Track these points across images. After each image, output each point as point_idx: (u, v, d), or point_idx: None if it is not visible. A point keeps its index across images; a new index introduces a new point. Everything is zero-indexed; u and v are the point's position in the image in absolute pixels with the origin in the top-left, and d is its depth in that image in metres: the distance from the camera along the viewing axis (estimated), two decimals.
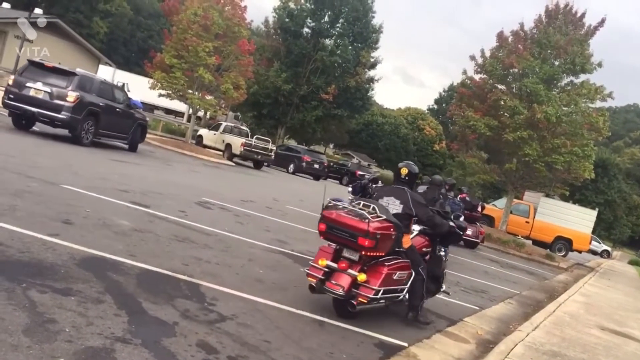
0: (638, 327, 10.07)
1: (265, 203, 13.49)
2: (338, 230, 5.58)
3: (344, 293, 5.46)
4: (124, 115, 16.58)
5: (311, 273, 5.73)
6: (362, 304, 5.50)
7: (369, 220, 5.44)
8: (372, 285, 5.53)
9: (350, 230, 5.46)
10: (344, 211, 5.74)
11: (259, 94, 43.47)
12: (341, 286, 5.48)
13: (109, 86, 16.55)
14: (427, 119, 78.31)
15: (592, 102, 23.18)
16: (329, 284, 5.56)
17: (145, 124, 18.41)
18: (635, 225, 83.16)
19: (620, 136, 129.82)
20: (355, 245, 5.51)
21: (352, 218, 5.57)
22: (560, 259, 23.66)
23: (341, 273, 5.58)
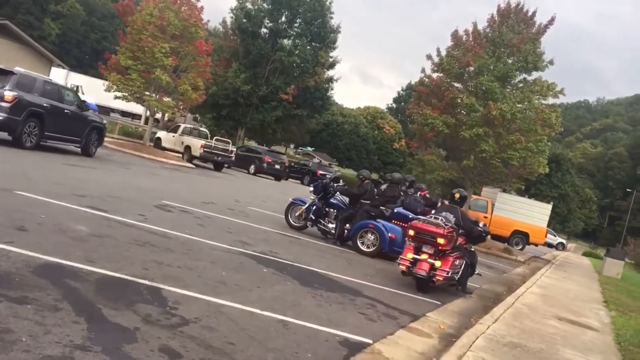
0: (593, 316, 10.40)
1: (226, 204, 13.38)
2: (423, 234, 8.76)
3: (426, 274, 8.65)
4: (75, 118, 15.87)
5: (402, 263, 8.88)
6: (440, 281, 8.83)
7: (444, 227, 8.76)
8: (444, 268, 8.77)
9: (432, 234, 8.67)
10: (426, 222, 8.97)
11: (217, 95, 43.10)
12: (424, 270, 8.64)
13: (55, 86, 15.69)
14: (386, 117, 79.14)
15: (545, 99, 23.85)
16: (416, 269, 8.70)
17: (102, 127, 17.75)
18: (588, 217, 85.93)
19: (572, 132, 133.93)
20: (434, 243, 8.68)
21: (434, 226, 8.77)
22: (517, 252, 24.26)
23: (423, 261, 8.69)
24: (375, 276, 9.47)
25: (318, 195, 12.46)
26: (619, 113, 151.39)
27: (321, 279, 7.97)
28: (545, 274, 16.94)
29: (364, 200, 12.14)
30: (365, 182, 12.47)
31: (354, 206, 12.21)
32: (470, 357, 5.50)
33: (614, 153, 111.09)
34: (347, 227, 12.05)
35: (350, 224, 12.04)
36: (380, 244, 11.54)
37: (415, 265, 8.74)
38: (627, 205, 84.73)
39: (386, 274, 10.02)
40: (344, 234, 12.03)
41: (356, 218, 12.05)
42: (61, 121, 15.21)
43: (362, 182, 12.50)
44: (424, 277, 8.68)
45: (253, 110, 46.22)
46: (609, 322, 9.93)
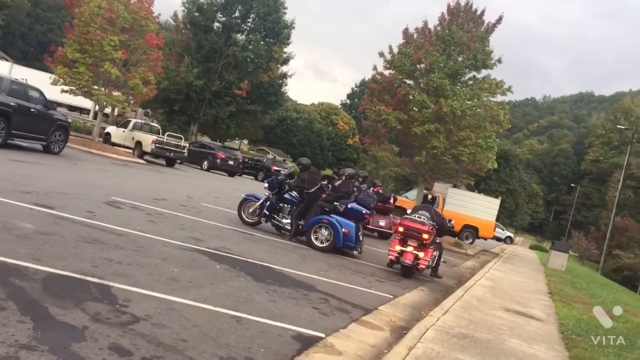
0: (539, 307, 10.77)
1: (179, 201, 13.20)
2: (411, 230, 10.94)
3: (411, 263, 10.90)
4: (40, 116, 16.14)
5: (390, 254, 11.28)
6: (422, 269, 11.20)
7: (427, 224, 11.07)
8: (426, 258, 10.98)
9: (419, 230, 10.87)
10: (413, 220, 11.16)
11: (169, 90, 42.38)
12: (410, 260, 10.89)
13: (21, 86, 15.90)
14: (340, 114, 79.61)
15: (494, 96, 24.47)
16: (402, 259, 10.97)
17: (67, 125, 17.91)
18: (535, 212, 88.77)
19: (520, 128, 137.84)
20: (419, 238, 10.86)
21: (418, 224, 11.01)
22: (467, 246, 24.80)
23: (408, 253, 10.90)
24: (328, 271, 9.54)
25: (272, 191, 12.45)
26: (564, 110, 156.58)
27: (275, 275, 7.98)
28: (493, 267, 17.41)
29: (307, 190, 12.09)
30: (301, 172, 12.52)
31: (303, 198, 12.22)
32: (420, 349, 5.63)
33: (559, 149, 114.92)
34: (301, 223, 12.09)
35: (304, 219, 12.08)
36: (334, 239, 11.62)
37: (402, 255, 11.00)
38: (571, 199, 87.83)
39: (340, 269, 10.10)
40: (299, 229, 12.06)
41: (310, 214, 12.10)
42: (27, 120, 15.47)
43: (302, 171, 12.59)
44: (409, 265, 10.95)
45: (206, 106, 45.69)
46: (553, 313, 10.31)
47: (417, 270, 11.28)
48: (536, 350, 6.70)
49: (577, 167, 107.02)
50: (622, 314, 12.02)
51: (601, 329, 8.91)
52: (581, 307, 11.48)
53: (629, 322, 11.02)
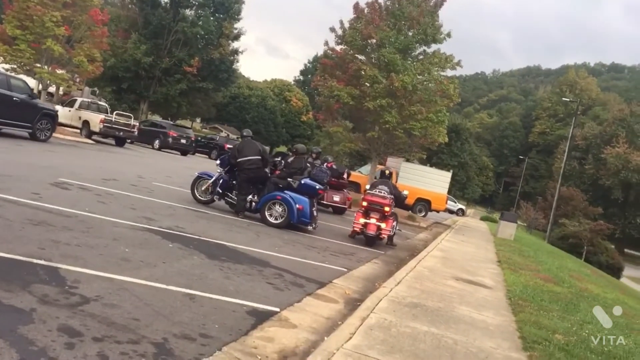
0: (488, 275, 11.11)
1: (129, 181, 12.95)
2: (374, 204, 12.26)
3: (374, 233, 12.26)
4: (24, 105, 16.88)
5: (355, 226, 12.58)
6: (384, 238, 12.70)
7: (389, 198, 12.42)
8: (387, 228, 12.48)
9: (381, 204, 12.23)
10: (375, 195, 12.46)
11: (117, 68, 41.23)
12: (373, 230, 12.25)
13: (3, 76, 16.77)
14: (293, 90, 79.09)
15: (444, 71, 24.81)
16: (367, 230, 12.29)
17: (53, 113, 18.56)
18: (486, 184, 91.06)
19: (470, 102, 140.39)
20: (382, 211, 12.24)
21: (381, 198, 12.38)
22: (420, 219, 25.31)
23: (372, 224, 12.27)
24: (283, 247, 9.59)
25: (225, 169, 12.35)
26: (512, 84, 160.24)
27: (229, 252, 7.97)
28: (445, 238, 17.82)
29: (237, 159, 11.94)
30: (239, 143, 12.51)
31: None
32: (373, 319, 5.75)
33: (508, 122, 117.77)
34: (255, 200, 12.06)
35: (258, 195, 12.04)
36: (288, 216, 11.66)
37: (365, 227, 12.32)
38: (520, 171, 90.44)
39: (294, 245, 10.16)
40: (251, 206, 12.04)
41: (264, 190, 12.08)
42: (10, 108, 16.28)
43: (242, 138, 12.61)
44: (373, 235, 12.29)
45: (156, 84, 44.69)
46: (502, 280, 10.65)
47: (379, 240, 12.71)
48: (484, 316, 6.94)
49: (525, 139, 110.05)
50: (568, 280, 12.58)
51: (546, 294, 9.31)
52: (528, 274, 11.90)
53: (574, 287, 11.51)
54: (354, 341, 4.87)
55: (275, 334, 4.94)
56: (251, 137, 12.58)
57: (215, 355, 4.12)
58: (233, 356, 4.19)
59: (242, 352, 4.31)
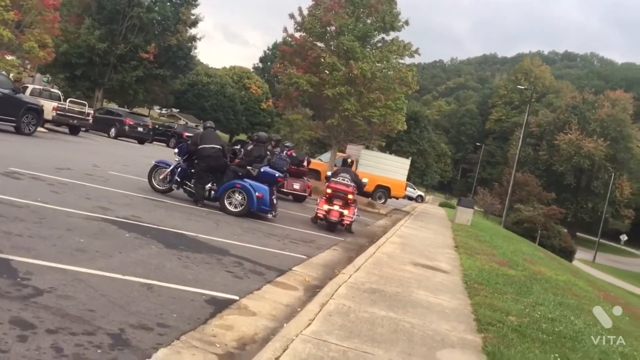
0: (444, 260, 11.33)
1: (84, 170, 12.64)
2: (338, 192, 12.72)
3: (337, 220, 12.73)
4: (7, 100, 17.29)
5: (319, 212, 12.97)
6: (347, 224, 13.10)
7: (352, 186, 12.94)
8: (350, 214, 12.91)
9: (345, 192, 12.74)
10: (339, 183, 12.90)
11: (70, 54, 40.02)
12: (336, 217, 12.71)
13: None
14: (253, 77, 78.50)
15: (402, 59, 25.01)
16: (329, 216, 12.71)
17: (38, 108, 18.95)
18: (444, 171, 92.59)
19: (429, 90, 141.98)
20: (345, 198, 12.75)
21: (344, 186, 12.85)
22: (380, 205, 25.54)
23: (335, 210, 12.72)
24: (242, 235, 9.56)
25: (183, 157, 12.19)
26: (469, 72, 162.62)
27: (187, 241, 7.90)
28: (404, 225, 18.06)
29: (198, 146, 11.87)
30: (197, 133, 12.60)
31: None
32: (332, 305, 5.81)
33: (465, 110, 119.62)
34: (214, 188, 11.96)
35: (218, 184, 11.95)
36: (248, 204, 11.62)
37: (328, 213, 12.74)
38: (477, 158, 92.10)
39: (254, 232, 10.15)
40: (210, 194, 11.94)
41: (223, 179, 11.99)
42: None
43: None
44: (335, 221, 12.76)
45: (111, 70, 43.62)
46: (458, 265, 10.88)
47: (341, 225, 13.12)
48: (441, 300, 7.09)
49: (482, 126, 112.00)
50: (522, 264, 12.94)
51: (501, 277, 9.57)
52: (484, 258, 12.18)
53: (527, 270, 11.85)
54: (313, 327, 4.91)
55: (234, 322, 4.95)
56: (213, 128, 12.53)
57: (173, 345, 4.10)
58: (191, 345, 4.18)
59: (200, 341, 4.30)
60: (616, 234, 71.91)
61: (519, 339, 5.55)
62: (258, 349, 4.31)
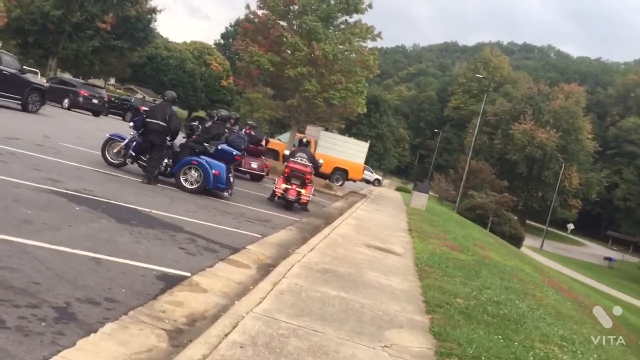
0: (398, 242, 11.51)
1: (34, 140, 12.23)
2: (296, 172, 13.16)
3: (294, 198, 13.09)
4: (13, 79, 18.08)
5: (277, 190, 13.32)
6: (304, 202, 13.47)
7: (309, 166, 13.49)
8: (307, 193, 13.45)
9: (302, 172, 13.22)
10: (297, 163, 13.36)
11: (22, 19, 38.52)
12: (293, 195, 13.08)
13: None
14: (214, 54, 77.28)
15: (364, 42, 24.99)
16: (287, 195, 13.05)
17: (43, 88, 19.89)
18: (402, 155, 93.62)
19: (390, 75, 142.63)
20: (303, 178, 13.24)
21: (302, 166, 13.32)
22: (337, 188, 25.67)
23: (292, 189, 13.11)
24: (197, 212, 9.47)
25: (138, 131, 11.92)
26: (430, 59, 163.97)
27: (140, 216, 7.78)
28: (360, 207, 18.23)
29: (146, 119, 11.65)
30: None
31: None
32: (284, 284, 5.84)
33: (425, 96, 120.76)
34: (170, 164, 11.79)
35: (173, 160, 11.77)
36: (204, 181, 11.52)
37: (286, 192, 13.08)
38: (434, 144, 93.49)
39: (209, 210, 10.07)
40: (166, 170, 11.76)
41: (180, 155, 11.82)
42: (1, 82, 17.42)
43: None
44: (293, 200, 13.15)
45: (66, 39, 42.20)
46: (411, 248, 11.07)
47: (299, 204, 13.53)
48: (392, 282, 7.21)
49: (441, 113, 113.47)
50: (472, 249, 13.25)
51: (451, 261, 9.78)
52: (436, 242, 12.42)
53: (477, 254, 12.14)
54: (264, 305, 4.93)
55: (184, 299, 4.92)
56: (169, 102, 12.01)
57: (121, 320, 4.05)
58: (139, 320, 4.14)
59: (149, 317, 4.26)
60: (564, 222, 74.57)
61: (465, 321, 5.70)
62: (208, 325, 4.31)
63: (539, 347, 5.35)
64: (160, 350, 3.74)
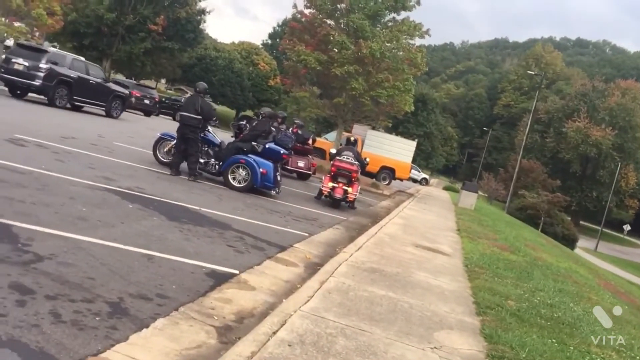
0: (446, 242, 11.33)
1: (89, 140, 12.63)
2: (342, 170, 13.31)
3: (341, 197, 13.22)
4: (99, 87, 19.83)
5: (324, 189, 13.44)
6: (351, 200, 13.49)
7: (355, 164, 13.59)
8: (354, 192, 13.43)
9: (349, 170, 13.33)
10: (344, 161, 13.52)
11: (78, 23, 39.77)
12: (340, 194, 13.22)
13: (82, 63, 19.80)
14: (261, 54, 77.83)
15: (412, 39, 24.72)
16: (334, 193, 13.23)
17: (125, 96, 21.90)
18: (450, 154, 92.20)
19: (438, 73, 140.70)
20: (349, 176, 13.32)
21: (349, 164, 13.47)
22: (384, 186, 25.51)
23: (339, 188, 13.23)
24: (245, 210, 9.56)
25: None
26: (479, 56, 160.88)
27: (190, 214, 7.91)
28: (407, 207, 18.05)
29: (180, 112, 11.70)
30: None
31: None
32: (332, 282, 5.82)
33: (474, 94, 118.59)
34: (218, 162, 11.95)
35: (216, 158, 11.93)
36: (252, 180, 11.62)
37: (333, 190, 13.25)
38: (483, 143, 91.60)
39: (257, 208, 10.15)
40: (214, 169, 11.92)
41: (228, 154, 11.96)
42: (86, 89, 19.23)
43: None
44: (340, 198, 13.31)
45: (119, 41, 43.37)
46: (460, 248, 10.88)
47: (345, 202, 13.59)
48: (441, 282, 7.09)
49: (490, 111, 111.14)
50: (523, 249, 12.92)
51: (502, 262, 9.56)
52: (486, 242, 12.18)
53: (528, 255, 11.83)
54: (311, 304, 4.92)
55: (233, 296, 4.96)
56: (199, 92, 11.80)
57: (172, 316, 4.11)
58: (189, 316, 4.20)
59: (199, 313, 4.31)
60: (620, 223, 71.74)
61: (517, 323, 5.55)
62: (256, 323, 4.32)
63: (595, 352, 5.16)
64: (210, 347, 3.78)
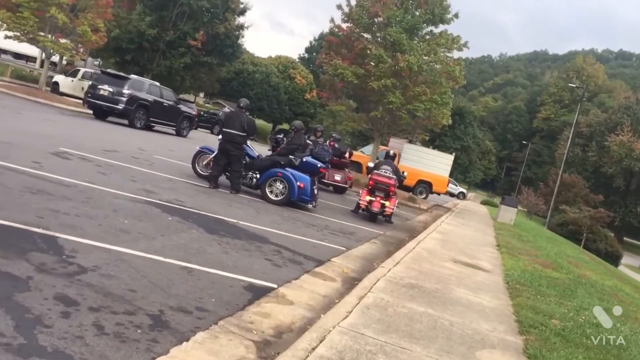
0: (486, 258, 11.11)
1: (130, 153, 12.91)
2: (380, 184, 13.23)
3: (378, 210, 13.28)
4: (171, 109, 22.19)
5: (361, 202, 13.51)
6: (388, 214, 13.54)
7: (393, 178, 13.41)
8: (391, 206, 13.42)
9: (387, 184, 13.25)
10: (381, 175, 13.37)
11: (121, 39, 40.77)
12: (377, 207, 13.24)
13: (157, 87, 22.13)
14: (298, 67, 78.48)
15: (450, 52, 24.54)
16: (371, 207, 13.24)
17: (192, 117, 24.25)
18: (487, 168, 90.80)
19: (476, 86, 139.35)
20: (387, 190, 13.30)
21: (386, 178, 13.34)
22: (421, 201, 25.25)
23: (376, 202, 13.23)
24: (282, 224, 9.58)
25: None
26: (518, 68, 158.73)
27: (228, 227, 7.96)
28: (445, 221, 17.81)
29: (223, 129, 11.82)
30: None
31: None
32: (370, 298, 5.75)
33: (512, 107, 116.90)
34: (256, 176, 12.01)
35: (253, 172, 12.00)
36: (289, 193, 11.65)
37: (370, 204, 13.29)
38: (522, 156, 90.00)
39: (294, 222, 10.15)
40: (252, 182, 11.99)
41: (265, 167, 12.03)
42: (161, 111, 21.57)
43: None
44: (377, 212, 13.35)
45: (160, 56, 44.27)
46: (500, 264, 10.65)
47: (383, 216, 13.70)
48: (481, 299, 6.94)
49: (529, 124, 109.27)
50: (566, 266, 12.57)
51: (544, 279, 9.31)
52: (526, 259, 11.90)
53: (572, 273, 11.50)
54: (350, 319, 4.87)
55: (271, 310, 4.95)
56: (242, 108, 11.92)
57: (211, 329, 4.12)
58: (229, 330, 4.19)
59: (238, 327, 4.31)
60: None
61: (562, 344, 5.38)
62: (294, 338, 4.29)
63: None
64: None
